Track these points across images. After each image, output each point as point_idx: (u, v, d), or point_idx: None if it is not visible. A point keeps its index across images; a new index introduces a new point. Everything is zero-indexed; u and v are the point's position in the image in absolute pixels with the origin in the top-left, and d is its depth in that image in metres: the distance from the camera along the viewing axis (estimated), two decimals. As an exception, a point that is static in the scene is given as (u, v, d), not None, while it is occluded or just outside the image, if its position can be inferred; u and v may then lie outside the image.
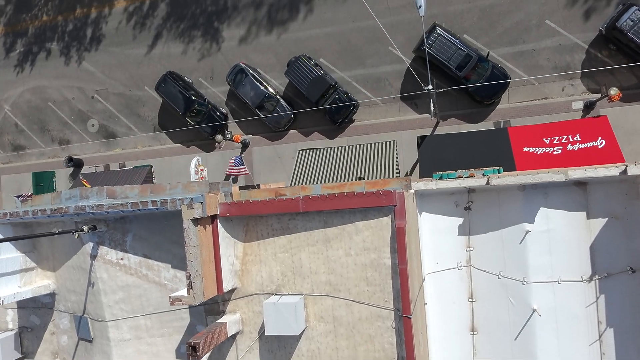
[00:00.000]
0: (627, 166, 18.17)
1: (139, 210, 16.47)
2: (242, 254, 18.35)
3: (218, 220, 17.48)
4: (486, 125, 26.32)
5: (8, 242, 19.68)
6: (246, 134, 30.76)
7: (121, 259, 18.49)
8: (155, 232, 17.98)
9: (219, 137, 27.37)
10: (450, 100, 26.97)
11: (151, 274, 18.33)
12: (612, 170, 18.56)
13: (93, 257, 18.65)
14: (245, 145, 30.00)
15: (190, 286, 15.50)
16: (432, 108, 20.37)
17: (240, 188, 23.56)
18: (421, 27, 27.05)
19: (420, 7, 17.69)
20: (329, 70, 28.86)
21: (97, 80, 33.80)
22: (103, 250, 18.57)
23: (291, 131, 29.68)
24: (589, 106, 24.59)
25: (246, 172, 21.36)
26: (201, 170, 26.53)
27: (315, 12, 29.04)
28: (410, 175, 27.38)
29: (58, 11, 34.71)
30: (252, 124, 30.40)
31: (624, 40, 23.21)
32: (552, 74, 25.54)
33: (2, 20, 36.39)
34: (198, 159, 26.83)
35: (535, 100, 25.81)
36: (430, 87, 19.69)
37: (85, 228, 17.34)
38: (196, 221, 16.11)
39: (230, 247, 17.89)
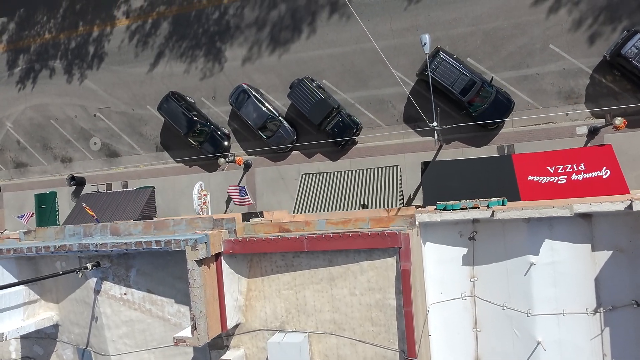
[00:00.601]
0: (632, 201, 18.11)
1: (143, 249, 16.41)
2: (246, 289, 18.27)
3: (222, 258, 17.40)
4: (490, 149, 26.25)
5: (10, 275, 19.64)
6: (248, 154, 30.70)
7: (125, 294, 18.42)
8: (158, 268, 17.90)
9: (221, 160, 27.33)
10: (453, 123, 26.89)
11: (155, 309, 18.26)
12: (617, 205, 18.49)
13: (97, 292, 18.59)
14: (247, 166, 29.94)
15: (194, 327, 15.44)
16: (435, 137, 20.32)
17: (244, 215, 23.51)
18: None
19: (425, 44, 17.63)
20: (332, 91, 28.80)
21: (100, 99, 33.77)
22: (107, 285, 18.50)
23: (294, 152, 29.62)
24: (593, 132, 24.50)
25: (250, 202, 21.32)
26: (204, 195, 26.48)
27: (318, 33, 28.99)
28: (414, 198, 27.33)
29: (60, 29, 34.69)
30: (255, 145, 30.34)
31: (628, 67, 23.14)
32: (556, 98, 25.46)
33: (4, 38, 36.37)
34: (201, 184, 26.78)
35: (539, 124, 25.73)
36: (435, 123, 19.64)
37: (89, 266, 17.27)
38: (200, 261, 16.05)
39: (234, 283, 17.82)
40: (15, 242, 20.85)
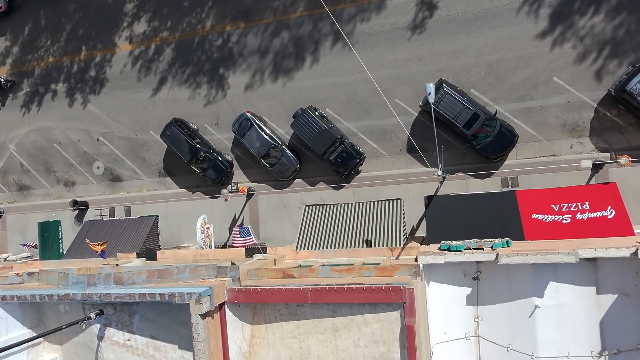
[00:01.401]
0: (638, 248, 18.05)
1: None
2: (249, 336, 18.20)
3: (226, 306, 17.35)
4: (494, 181, 26.18)
5: (14, 320, 19.64)
6: (251, 182, 30.67)
7: (128, 340, 18.38)
8: (162, 314, 17.86)
9: (224, 191, 27.30)
10: (457, 154, 26.83)
11: (158, 355, 18.22)
12: (623, 252, 18.45)
13: (100, 338, 18.56)
14: (250, 194, 29.92)
15: (198, 381, 15.37)
16: (439, 174, 20.23)
17: (247, 250, 23.43)
18: (429, 84, 27.01)
19: (430, 93, 17.58)
20: (335, 120, 28.77)
21: (103, 123, 33.77)
22: (110, 331, 18.47)
23: (297, 180, 29.57)
24: (597, 165, 24.41)
25: (253, 242, 21.28)
26: (207, 229, 26.43)
27: (321, 61, 28.94)
28: (417, 229, 27.24)
29: (63, 53, 34.70)
30: (258, 172, 30.30)
31: (634, 103, 23.04)
32: (560, 131, 25.38)
33: (8, 61, 36.40)
34: (204, 218, 26.74)
35: (543, 157, 25.64)
36: (439, 172, 19.57)
37: (92, 315, 17.25)
38: (204, 314, 15.98)
39: (237, 330, 17.76)
40: (18, 284, 20.80)
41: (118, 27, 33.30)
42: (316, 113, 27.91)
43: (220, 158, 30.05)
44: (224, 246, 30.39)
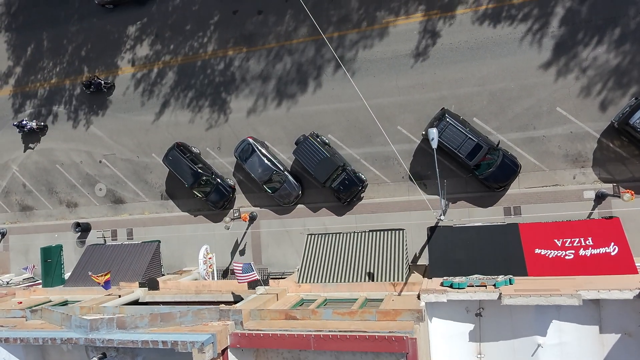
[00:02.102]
0: (641, 291, 18.01)
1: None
2: (252, 379, 18.08)
3: (229, 351, 17.32)
4: (496, 210, 26.15)
5: (15, 358, 19.59)
6: (253, 206, 30.65)
7: (130, 382, 18.28)
8: (165, 356, 17.83)
9: (226, 219, 27.29)
10: (459, 182, 26.81)
11: (160, 397, 18.14)
12: (626, 294, 18.40)
13: (102, 380, 18.43)
14: (252, 219, 29.91)
15: None
16: (441, 219, 20.23)
17: (249, 284, 23.36)
18: (431, 110, 27.01)
19: (432, 139, 17.55)
20: (337, 146, 28.76)
21: (105, 145, 33.80)
22: (112, 374, 18.39)
23: (299, 206, 29.55)
24: (600, 197, 24.36)
25: (255, 278, 21.26)
26: (209, 259, 26.42)
27: (324, 87, 28.94)
28: (419, 257, 27.20)
29: (65, 74, 34.75)
30: (260, 197, 30.30)
31: (637, 136, 22.99)
32: (563, 161, 25.33)
33: (11, 81, 36.46)
34: (206, 248, 26.73)
35: (546, 186, 25.59)
36: (442, 217, 19.55)
37: (95, 359, 17.20)
38: (207, 363, 15.90)
39: (240, 374, 17.66)
40: (21, 319, 20.80)
41: (120, 49, 33.33)
42: (318, 140, 27.90)
43: (222, 183, 30.05)
44: (226, 270, 30.42)
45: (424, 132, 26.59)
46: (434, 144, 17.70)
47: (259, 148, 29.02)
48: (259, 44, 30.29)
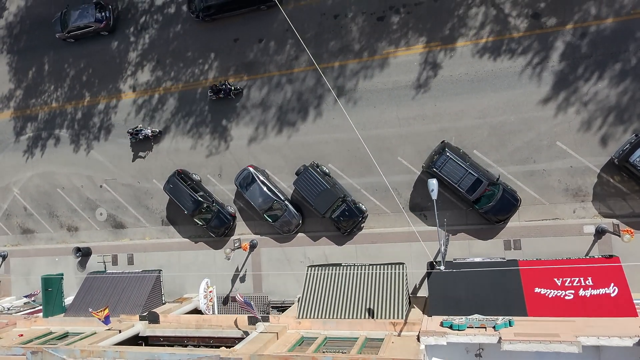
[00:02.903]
0: (641, 338, 18.01)
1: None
2: None
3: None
4: (496, 242, 26.13)
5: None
6: (254, 234, 30.67)
7: None
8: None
9: (227, 250, 27.32)
10: (460, 214, 26.82)
11: None
12: (626, 341, 18.40)
13: None
14: (253, 246, 29.93)
15: None
16: (442, 269, 20.21)
17: (250, 318, 23.37)
18: (431, 142, 27.01)
19: (432, 190, 17.57)
20: (338, 176, 28.78)
21: (106, 170, 33.84)
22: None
23: (299, 234, 29.57)
24: (600, 232, 24.34)
25: (254, 314, 21.33)
26: (210, 292, 26.46)
27: (324, 117, 28.95)
28: (419, 288, 27.21)
29: (67, 99, 34.80)
30: (260, 225, 30.31)
31: (637, 174, 22.98)
32: (563, 195, 25.32)
33: (12, 104, 36.53)
34: (207, 281, 26.78)
35: (546, 220, 25.58)
36: (442, 267, 19.54)
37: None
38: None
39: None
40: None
41: (122, 75, 33.37)
42: (318, 170, 27.92)
43: (222, 211, 30.09)
44: (226, 297, 30.45)
45: (424, 165, 26.59)
46: (434, 195, 17.72)
47: (260, 177, 29.05)
48: (260, 72, 30.32)
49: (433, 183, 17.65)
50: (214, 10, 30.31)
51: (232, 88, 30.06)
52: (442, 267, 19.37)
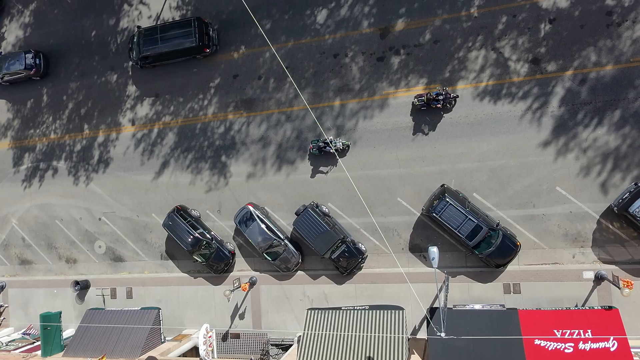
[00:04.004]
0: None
1: None
2: None
3: None
4: (495, 286, 26.13)
5: None
6: (253, 270, 30.65)
7: None
8: None
9: (226, 292, 27.26)
10: (459, 256, 26.83)
11: None
12: (625, 406, 18.42)
13: None
14: (252, 284, 29.89)
15: None
16: (442, 336, 20.23)
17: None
18: (431, 184, 27.01)
19: (433, 259, 17.57)
20: (337, 215, 28.76)
21: (105, 203, 33.77)
22: None
23: (299, 272, 29.55)
24: (600, 278, 24.37)
25: None
26: (209, 337, 26.42)
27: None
28: (419, 329, 27.21)
29: (66, 130, 34.71)
30: (260, 261, 30.29)
31: (637, 224, 23.03)
32: (562, 240, 25.35)
33: (10, 134, 36.42)
34: (207, 327, 26.74)
35: (546, 264, 25.62)
36: (443, 334, 19.55)
37: None
38: None
39: None
40: None
41: (121, 108, 33.30)
42: (318, 210, 27.90)
43: (221, 248, 30.04)
44: (225, 334, 30.40)
45: (423, 208, 26.57)
46: (435, 264, 17.72)
47: (259, 215, 29.00)
48: (259, 108, 30.29)
49: (434, 251, 17.66)
50: (151, 59, 31.48)
51: (451, 96, 26.35)
52: (442, 334, 19.36)
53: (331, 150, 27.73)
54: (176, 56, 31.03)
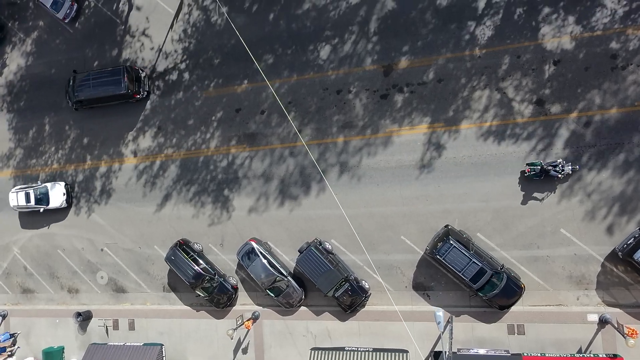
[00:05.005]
0: None
1: None
2: None
3: None
4: (499, 326, 26.07)
5: None
6: (256, 305, 30.59)
7: None
8: None
9: (229, 331, 27.18)
10: (463, 295, 26.78)
11: None
12: None
13: None
14: (255, 319, 29.82)
15: None
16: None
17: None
18: (435, 223, 26.95)
19: (439, 323, 17.53)
20: (340, 252, 28.70)
21: (107, 234, 33.69)
22: None
23: (302, 308, 29.50)
24: (604, 322, 24.32)
25: None
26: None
27: (327, 192, 28.77)
28: (423, 369, 27.19)
29: (68, 160, 34.60)
30: (263, 296, 30.20)
31: (641, 270, 23.03)
32: (567, 282, 25.31)
33: (12, 163, 36.29)
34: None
35: (550, 305, 25.57)
36: None
37: None
38: None
39: None
40: None
41: (123, 139, 33.18)
42: (320, 248, 27.83)
43: (224, 282, 29.99)
44: (228, 366, 30.41)
45: (427, 248, 26.52)
46: (440, 328, 17.68)
47: (262, 252, 28.93)
48: (262, 143, 30.20)
49: (439, 316, 17.62)
50: (84, 102, 32.69)
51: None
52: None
53: (559, 176, 24.33)
54: (108, 100, 32.35)
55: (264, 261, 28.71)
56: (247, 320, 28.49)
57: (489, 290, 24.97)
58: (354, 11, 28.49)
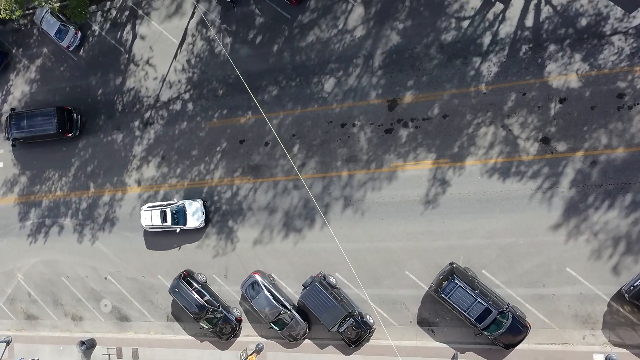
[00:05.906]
0: None
1: None
2: None
3: None
4: (505, 364, 25.99)
5: None
6: (260, 337, 30.51)
7: None
8: None
9: (234, 367, 27.20)
10: (468, 332, 26.64)
11: None
12: None
13: None
14: (259, 351, 29.77)
15: None
16: None
17: None
18: (439, 259, 26.82)
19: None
20: (345, 286, 28.61)
21: (111, 262, 33.67)
22: None
23: (307, 341, 29.41)
24: (610, 362, 24.21)
25: None
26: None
27: (332, 225, 28.66)
28: (427, 405, 27.04)
29: (72, 188, 34.60)
30: (267, 328, 30.08)
31: (647, 314, 22.85)
32: (572, 321, 25.16)
33: (16, 189, 36.29)
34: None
35: (555, 344, 25.42)
36: None
37: None
38: None
39: None
40: None
41: (127, 168, 33.16)
42: (325, 283, 27.75)
43: (228, 315, 29.92)
44: (232, 399, 30.33)
45: (432, 285, 26.40)
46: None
47: (266, 285, 28.86)
48: (266, 175, 30.13)
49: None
50: (22, 139, 34.57)
51: None
52: None
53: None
54: (43, 138, 34.09)
55: (268, 294, 28.64)
56: (251, 354, 28.44)
57: (495, 329, 24.84)
58: (359, 45, 28.42)
